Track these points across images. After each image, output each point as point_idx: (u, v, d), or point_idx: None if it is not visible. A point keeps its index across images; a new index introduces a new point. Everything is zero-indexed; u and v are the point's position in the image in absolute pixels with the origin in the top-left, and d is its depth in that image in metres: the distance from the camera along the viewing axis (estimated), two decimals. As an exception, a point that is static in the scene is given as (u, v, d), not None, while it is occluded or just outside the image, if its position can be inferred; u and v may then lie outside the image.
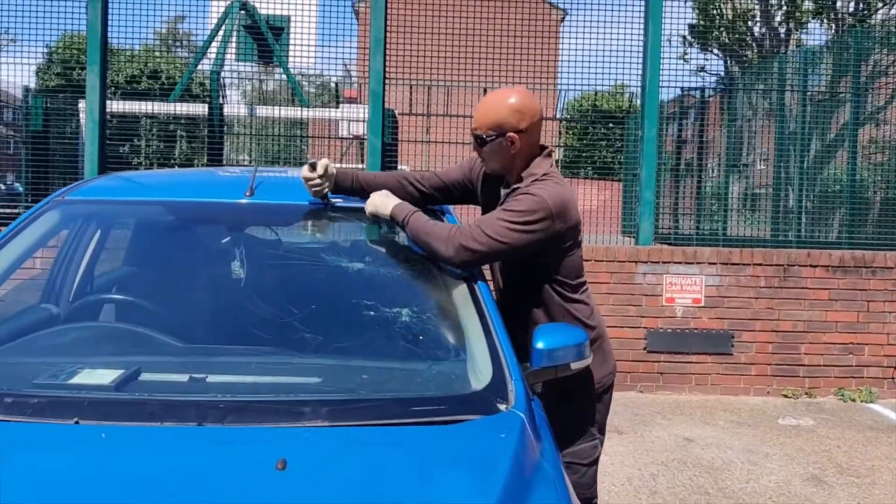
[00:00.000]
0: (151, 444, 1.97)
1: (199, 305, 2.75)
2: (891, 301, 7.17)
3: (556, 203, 2.64)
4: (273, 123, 11.34)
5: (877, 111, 9.40)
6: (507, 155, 2.75)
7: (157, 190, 3.16)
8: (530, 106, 2.73)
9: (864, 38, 9.48)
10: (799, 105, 9.15)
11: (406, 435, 2.06)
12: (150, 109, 9.22)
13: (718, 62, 19.28)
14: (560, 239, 2.71)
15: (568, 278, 2.81)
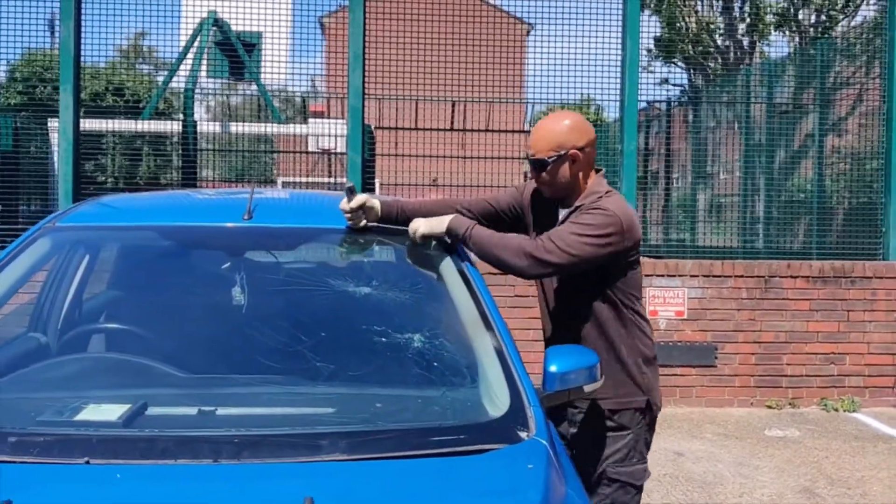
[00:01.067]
0: (168, 483, 1.89)
1: (200, 334, 2.67)
2: (870, 310, 7.24)
3: (626, 218, 2.71)
4: (241, 140, 11.23)
5: (841, 120, 9.53)
6: (568, 174, 2.80)
7: (151, 214, 3.07)
8: (586, 125, 2.83)
9: (827, 50, 9.63)
10: (765, 116, 9.25)
11: (431, 467, 2.00)
12: (123, 127, 9.06)
13: (682, 74, 19.48)
14: (626, 253, 2.76)
15: (634, 292, 2.85)
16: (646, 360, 2.85)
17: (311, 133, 10.85)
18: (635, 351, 2.82)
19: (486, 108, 11.02)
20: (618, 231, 2.68)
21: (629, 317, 2.82)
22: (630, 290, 2.82)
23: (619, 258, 2.74)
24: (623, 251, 2.73)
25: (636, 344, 2.83)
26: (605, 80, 8.11)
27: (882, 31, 8.20)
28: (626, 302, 2.81)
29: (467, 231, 2.73)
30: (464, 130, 11.38)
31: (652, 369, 2.88)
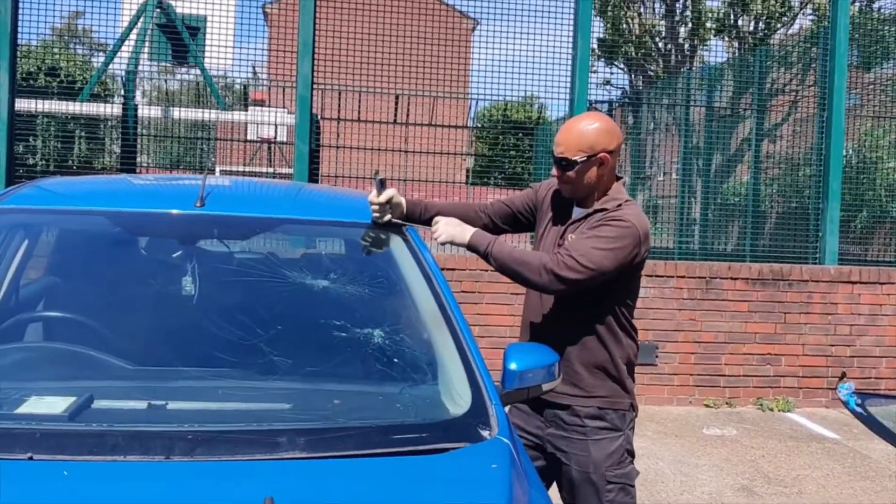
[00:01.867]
0: (118, 481, 1.80)
1: (149, 324, 2.56)
2: (806, 313, 7.41)
3: (643, 229, 2.71)
4: (180, 125, 10.96)
5: (778, 126, 9.76)
6: (595, 176, 2.77)
7: (97, 199, 2.93)
8: (616, 129, 2.81)
9: (766, 57, 9.84)
10: (705, 120, 9.41)
11: (393, 466, 1.94)
12: (58, 108, 8.75)
13: (624, 77, 19.70)
14: (638, 264, 2.76)
15: (630, 300, 2.85)
16: (630, 364, 2.87)
17: (254, 121, 10.65)
18: (625, 355, 2.83)
19: (430, 102, 10.96)
20: (636, 242, 2.68)
21: (624, 322, 2.82)
22: (628, 298, 2.83)
23: (630, 268, 2.74)
24: (638, 263, 2.74)
25: (625, 349, 2.83)
26: (552, 78, 8.15)
27: (819, 40, 8.40)
28: (622, 309, 2.81)
29: (489, 247, 2.73)
30: (407, 124, 11.31)
31: (633, 374, 2.90)
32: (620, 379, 2.83)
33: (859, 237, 9.93)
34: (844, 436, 6.58)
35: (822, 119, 8.14)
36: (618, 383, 2.83)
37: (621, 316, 2.81)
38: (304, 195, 3.40)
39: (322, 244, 3.04)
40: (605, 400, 2.81)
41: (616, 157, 2.81)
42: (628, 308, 2.83)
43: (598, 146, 2.74)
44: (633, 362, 2.88)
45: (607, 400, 2.82)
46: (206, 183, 2.82)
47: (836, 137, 7.78)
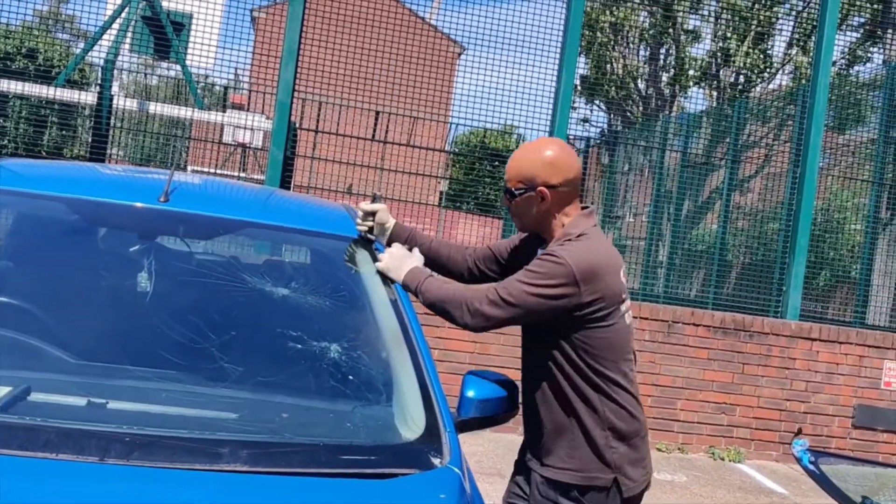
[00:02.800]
0: (47, 481, 1.70)
1: (97, 318, 2.45)
2: (764, 365, 7.43)
3: (582, 268, 2.36)
4: (154, 121, 10.82)
5: (751, 179, 9.88)
6: (537, 211, 2.53)
7: (57, 184, 2.83)
8: (565, 161, 2.51)
9: (744, 110, 9.97)
10: (679, 166, 9.50)
11: (339, 488, 1.87)
12: (31, 91, 8.59)
13: (602, 116, 19.86)
14: (583, 308, 2.39)
15: (604, 355, 2.43)
16: (619, 434, 2.44)
17: (231, 123, 10.55)
18: (604, 422, 2.43)
19: (410, 122, 10.95)
20: (568, 282, 2.35)
21: (598, 383, 2.43)
22: (598, 353, 2.42)
23: (574, 314, 2.39)
24: (577, 306, 2.38)
25: (607, 415, 2.43)
26: (533, 110, 8.18)
27: (798, 98, 8.51)
28: (593, 366, 2.43)
29: (419, 286, 2.53)
30: (385, 142, 11.28)
31: (629, 446, 2.46)
32: (597, 449, 2.43)
33: (819, 295, 10.05)
34: (793, 492, 6.58)
35: (794, 175, 8.23)
36: (593, 454, 2.44)
37: (591, 375, 2.43)
38: (273, 200, 3.33)
39: (286, 252, 2.96)
40: (576, 475, 2.45)
41: (565, 193, 2.50)
42: (600, 365, 2.43)
43: (538, 179, 2.48)
44: (622, 432, 2.45)
45: (579, 475, 2.45)
46: (172, 178, 2.74)
47: (808, 195, 7.85)
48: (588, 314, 2.40)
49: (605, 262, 2.44)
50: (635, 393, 2.53)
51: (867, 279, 8.99)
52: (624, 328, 2.49)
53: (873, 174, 9.12)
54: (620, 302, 2.47)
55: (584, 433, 2.45)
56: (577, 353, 2.44)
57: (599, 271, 2.40)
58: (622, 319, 2.48)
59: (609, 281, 2.42)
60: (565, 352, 2.45)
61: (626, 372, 2.49)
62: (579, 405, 2.45)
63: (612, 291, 2.43)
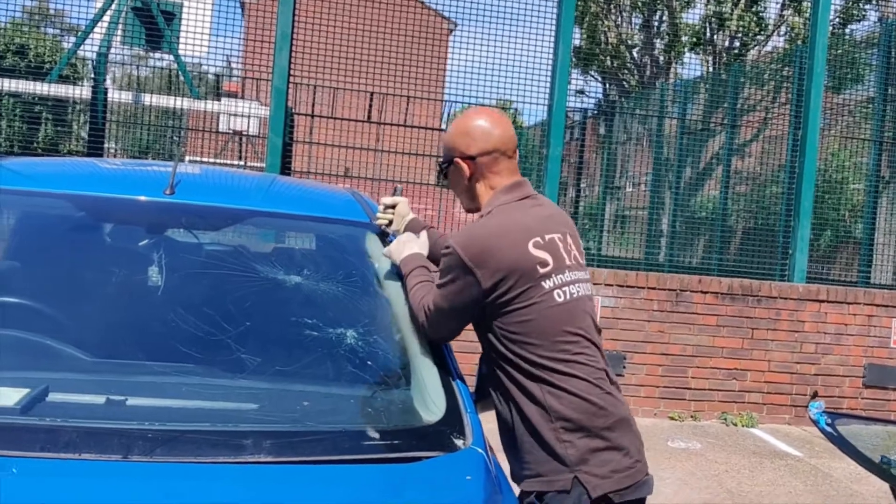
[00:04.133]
0: (71, 481, 1.69)
1: (110, 315, 2.43)
2: (773, 329, 7.43)
3: (471, 251, 2.17)
4: (149, 113, 10.76)
5: (750, 143, 9.82)
6: (462, 186, 2.39)
7: (61, 181, 2.81)
8: (483, 129, 2.32)
9: (740, 74, 9.89)
10: (677, 133, 9.44)
11: (365, 474, 1.85)
12: (24, 88, 8.53)
13: (598, 87, 19.76)
14: (492, 293, 2.18)
15: (531, 340, 2.19)
16: (572, 425, 2.16)
17: (227, 112, 10.49)
18: (551, 414, 2.17)
19: (404, 102, 10.89)
20: (461, 271, 2.18)
21: (532, 371, 2.19)
22: (523, 339, 2.19)
23: (486, 302, 2.20)
24: (484, 293, 2.18)
25: (551, 404, 2.17)
26: (529, 84, 8.12)
27: (794, 59, 8.44)
28: (520, 353, 2.20)
29: (407, 273, 2.41)
30: (381, 123, 11.22)
31: (589, 436, 2.16)
32: (547, 446, 2.17)
33: (822, 256, 10.03)
34: (807, 453, 6.60)
35: (794, 138, 8.19)
36: (545, 452, 2.18)
37: (522, 363, 2.20)
38: (279, 188, 3.30)
39: (295, 239, 2.94)
40: (532, 481, 2.21)
41: (485, 163, 2.32)
42: (529, 352, 2.19)
43: (455, 151, 2.35)
44: (576, 423, 2.16)
45: (535, 481, 2.20)
46: (176, 170, 2.71)
47: (810, 156, 7.82)
48: (497, 298, 2.18)
49: (500, 237, 2.19)
50: (590, 376, 2.20)
51: (870, 239, 8.97)
52: (554, 307, 2.20)
53: (873, 133, 9.07)
54: (539, 277, 2.19)
55: (530, 430, 2.20)
56: (501, 342, 2.23)
57: (492, 248, 2.17)
58: (548, 297, 2.20)
59: (509, 256, 2.17)
60: (492, 344, 2.25)
61: (568, 355, 2.20)
62: (520, 398, 2.22)
63: (518, 267, 2.17)
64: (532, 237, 2.22)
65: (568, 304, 2.23)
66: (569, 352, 2.21)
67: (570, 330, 2.22)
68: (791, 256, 7.86)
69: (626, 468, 2.19)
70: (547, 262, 2.21)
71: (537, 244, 2.22)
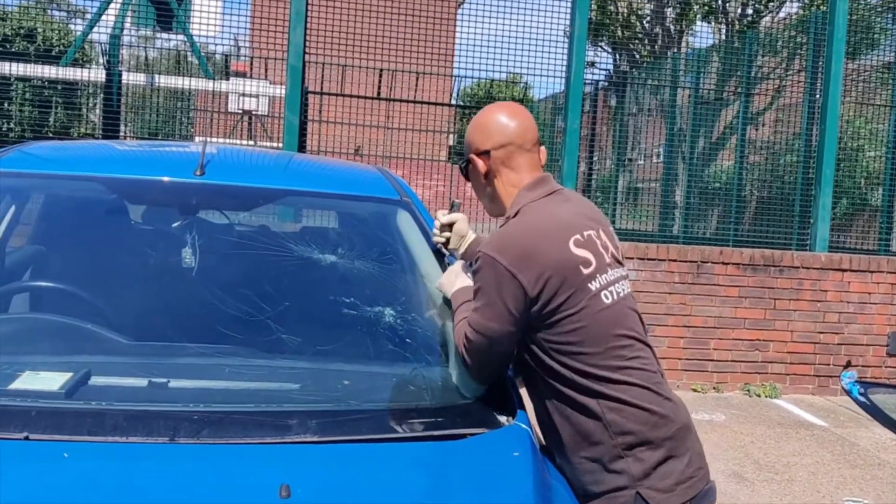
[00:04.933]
0: (120, 464, 1.68)
1: (147, 297, 2.43)
2: (795, 299, 7.38)
3: (510, 255, 1.94)
4: (160, 94, 10.72)
5: (765, 111, 9.71)
6: (480, 186, 2.22)
7: (90, 164, 2.79)
8: (496, 122, 2.15)
9: (756, 42, 9.76)
10: (691, 103, 9.34)
11: (412, 452, 1.84)
12: (37, 72, 8.51)
13: (608, 58, 19.59)
14: (538, 302, 1.94)
15: (576, 356, 1.98)
16: (634, 438, 1.98)
17: (242, 92, 10.45)
18: (611, 430, 1.97)
19: (414, 79, 10.81)
20: (504, 279, 1.93)
21: (589, 385, 1.97)
22: (575, 349, 1.97)
23: (532, 312, 1.96)
24: (531, 302, 1.94)
25: (613, 419, 1.97)
26: (542, 57, 8.03)
27: (811, 26, 8.32)
28: (573, 366, 1.98)
29: (458, 304, 2.15)
30: (391, 100, 11.16)
31: (651, 448, 1.98)
32: (608, 461, 1.99)
33: (839, 225, 9.94)
34: (832, 423, 6.58)
35: (810, 105, 8.10)
36: (604, 469, 1.99)
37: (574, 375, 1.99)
38: (306, 167, 3.28)
39: (328, 217, 2.92)
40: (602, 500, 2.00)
41: (499, 159, 2.14)
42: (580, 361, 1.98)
43: (470, 147, 2.19)
44: (640, 437, 1.98)
45: (604, 499, 2.00)
46: (205, 150, 2.69)
47: (831, 124, 7.73)
48: (544, 306, 1.95)
49: (538, 237, 1.97)
50: (648, 381, 2.02)
51: (889, 206, 8.89)
52: (604, 309, 2.00)
53: (891, 99, 8.96)
54: (584, 279, 1.98)
55: (588, 448, 2.00)
56: (549, 356, 2.00)
57: (532, 249, 1.94)
58: (596, 300, 1.99)
59: (552, 257, 1.95)
60: (538, 359, 2.02)
61: (623, 361, 2.01)
62: (575, 416, 2.00)
63: (563, 269, 1.96)
64: (572, 235, 2.01)
65: (616, 304, 2.03)
66: (623, 357, 2.01)
67: (622, 333, 2.03)
68: (812, 225, 7.80)
69: (689, 478, 2.03)
70: (590, 262, 2.01)
71: (578, 242, 2.01)
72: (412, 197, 2.87)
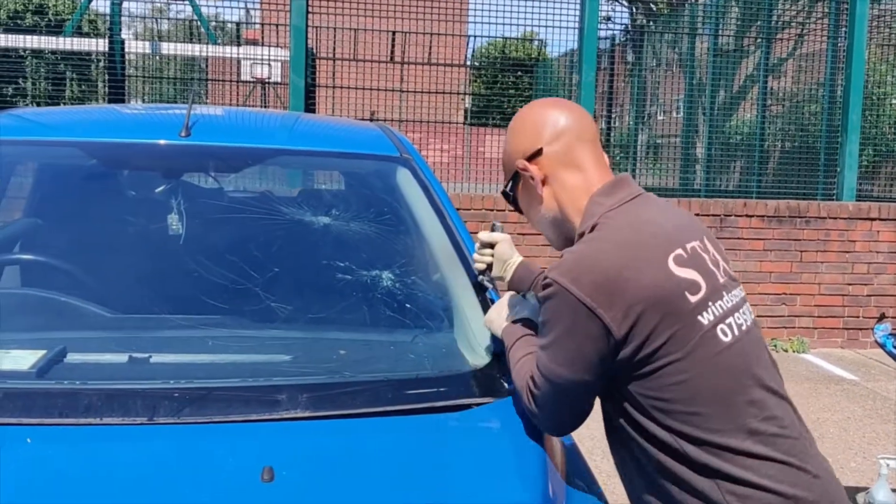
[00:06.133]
0: (92, 448, 1.55)
1: (129, 267, 2.28)
2: (823, 251, 7.16)
3: (588, 284, 1.45)
4: (169, 63, 10.57)
5: (788, 58, 9.38)
6: (536, 209, 1.70)
7: (71, 129, 2.64)
8: (548, 114, 1.67)
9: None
10: (709, 53, 9.04)
11: (411, 426, 1.69)
12: (41, 44, 8.37)
13: (623, 12, 19.18)
14: (628, 343, 1.46)
15: (686, 417, 1.47)
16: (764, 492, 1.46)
17: (247, 57, 10.27)
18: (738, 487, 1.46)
19: (427, 41, 10.56)
20: (576, 315, 1.45)
21: (703, 461, 1.46)
22: (681, 407, 1.46)
23: (619, 358, 1.47)
24: (617, 345, 1.46)
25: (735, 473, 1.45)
26: (554, 12, 7.78)
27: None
28: (681, 430, 1.47)
29: (511, 343, 1.76)
30: (403, 63, 10.93)
31: None
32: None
33: (863, 174, 9.65)
34: (863, 377, 6.39)
35: (833, 50, 7.80)
36: None
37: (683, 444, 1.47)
38: (301, 125, 3.11)
39: (323, 177, 2.76)
40: None
41: (552, 159, 1.64)
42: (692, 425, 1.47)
43: (514, 155, 1.69)
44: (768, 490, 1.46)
45: None
46: (191, 111, 2.52)
47: (857, 68, 7.43)
48: (636, 352, 1.46)
49: (627, 257, 1.48)
50: (787, 453, 1.48)
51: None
52: (722, 351, 1.48)
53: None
54: (692, 310, 1.47)
55: None
56: (646, 417, 1.50)
57: (619, 276, 1.45)
58: (710, 339, 1.48)
59: (647, 283, 1.45)
60: (632, 419, 1.52)
61: (755, 423, 1.48)
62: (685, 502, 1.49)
63: (662, 299, 1.46)
64: (672, 250, 1.52)
65: (738, 343, 1.51)
66: (755, 417, 1.49)
67: (750, 383, 1.51)
68: (839, 174, 7.55)
69: None
70: (698, 286, 1.50)
71: (680, 260, 1.51)
72: (413, 154, 2.69)
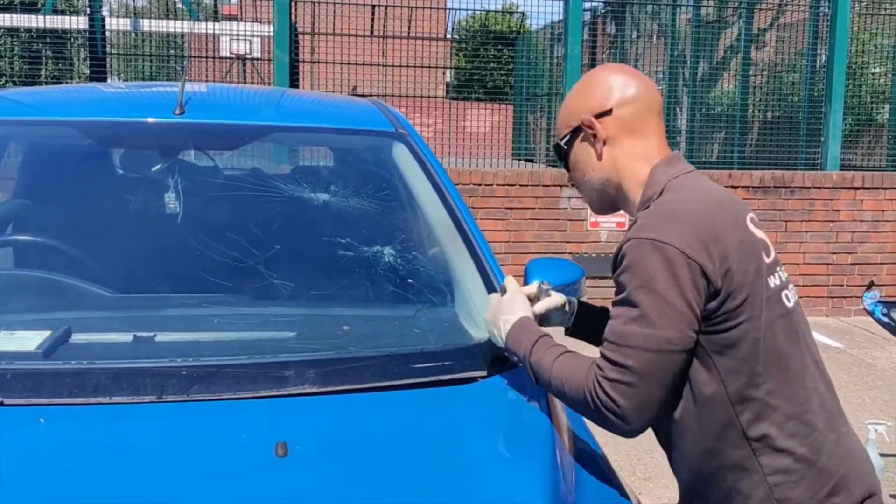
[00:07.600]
0: (104, 427, 1.55)
1: (129, 246, 2.27)
2: (807, 220, 7.23)
3: (681, 231, 1.40)
4: (149, 40, 10.45)
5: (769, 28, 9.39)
6: (593, 165, 1.63)
7: (65, 108, 2.62)
8: (616, 77, 1.63)
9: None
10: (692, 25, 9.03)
11: (419, 399, 1.71)
12: (20, 23, 8.25)
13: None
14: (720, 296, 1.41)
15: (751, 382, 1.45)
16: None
17: (228, 33, 10.16)
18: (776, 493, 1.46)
19: (408, 14, 10.49)
20: (676, 269, 1.38)
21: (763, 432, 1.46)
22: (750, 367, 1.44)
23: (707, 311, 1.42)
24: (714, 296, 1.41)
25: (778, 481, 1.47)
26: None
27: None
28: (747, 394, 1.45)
29: (526, 351, 1.61)
30: (384, 36, 10.86)
31: None
32: None
33: (845, 143, 9.71)
34: (848, 344, 6.48)
35: (815, 19, 7.82)
36: None
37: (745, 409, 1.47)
38: (294, 101, 3.09)
39: (318, 153, 2.75)
40: None
41: (626, 119, 1.58)
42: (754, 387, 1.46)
43: (580, 110, 1.63)
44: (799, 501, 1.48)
45: None
46: (184, 88, 2.50)
47: (841, 38, 7.46)
48: (718, 307, 1.42)
49: (713, 208, 1.47)
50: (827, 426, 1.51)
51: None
52: (785, 315, 1.49)
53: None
54: (766, 271, 1.47)
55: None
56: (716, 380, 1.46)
57: (710, 223, 1.43)
58: (775, 302, 1.48)
59: (732, 238, 1.44)
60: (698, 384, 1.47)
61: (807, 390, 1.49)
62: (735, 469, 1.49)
63: (747, 253, 1.45)
64: (745, 212, 1.53)
65: (796, 311, 1.53)
66: (806, 386, 1.50)
67: (805, 352, 1.52)
68: (823, 144, 7.60)
69: None
70: (770, 249, 1.52)
71: (754, 222, 1.53)
72: (408, 129, 2.68)
